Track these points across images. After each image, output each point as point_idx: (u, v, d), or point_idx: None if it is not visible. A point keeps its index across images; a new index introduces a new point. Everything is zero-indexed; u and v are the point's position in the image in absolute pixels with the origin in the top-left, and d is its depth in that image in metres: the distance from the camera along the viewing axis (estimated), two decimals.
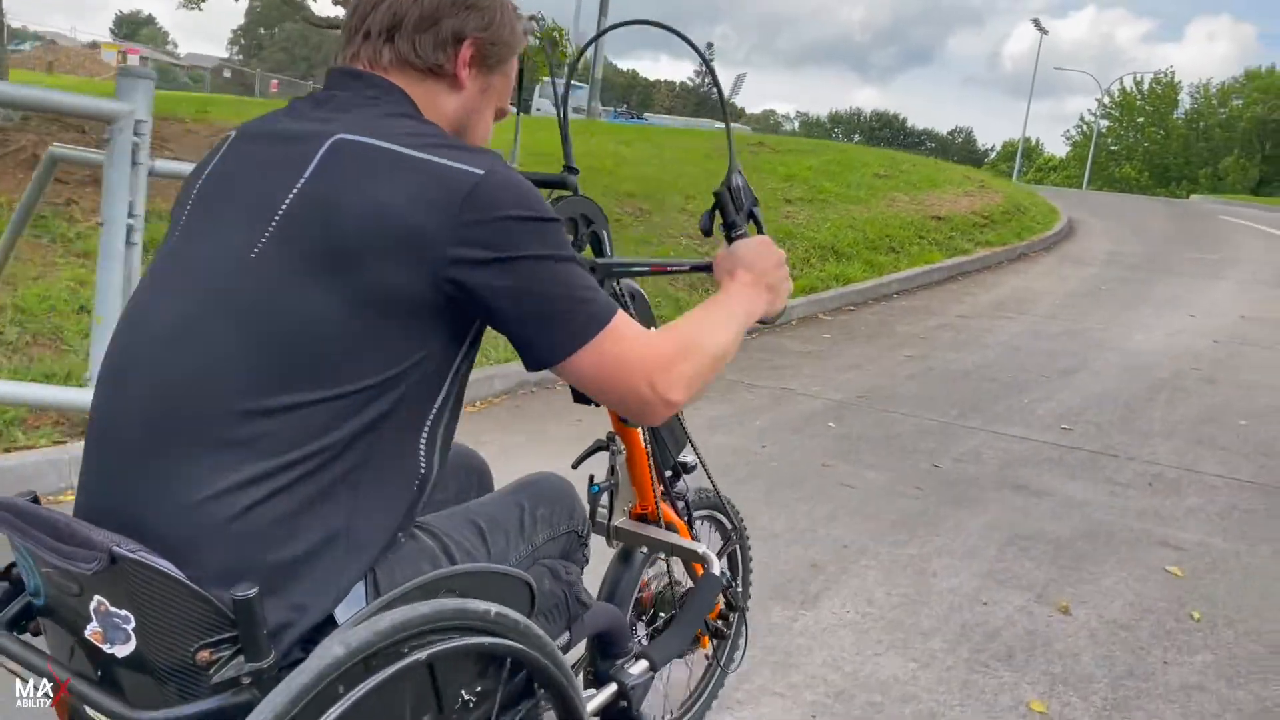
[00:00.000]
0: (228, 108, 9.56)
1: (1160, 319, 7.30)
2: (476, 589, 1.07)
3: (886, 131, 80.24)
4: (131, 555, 0.87)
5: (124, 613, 0.90)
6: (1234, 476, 3.95)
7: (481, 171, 1.00)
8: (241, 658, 0.88)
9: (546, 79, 31.73)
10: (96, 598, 0.91)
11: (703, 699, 2.02)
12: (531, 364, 1.05)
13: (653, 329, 1.24)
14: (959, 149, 79.08)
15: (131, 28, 68.78)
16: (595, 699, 1.40)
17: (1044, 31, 44.88)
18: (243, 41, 69.02)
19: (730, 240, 1.39)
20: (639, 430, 1.61)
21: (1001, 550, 3.12)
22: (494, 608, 1.02)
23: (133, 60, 35.23)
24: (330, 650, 0.87)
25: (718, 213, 1.40)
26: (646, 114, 39.73)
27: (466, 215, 0.97)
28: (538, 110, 27.52)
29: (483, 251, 0.98)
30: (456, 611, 0.98)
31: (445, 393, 1.07)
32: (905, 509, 3.40)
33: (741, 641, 1.95)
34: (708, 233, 1.40)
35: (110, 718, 0.93)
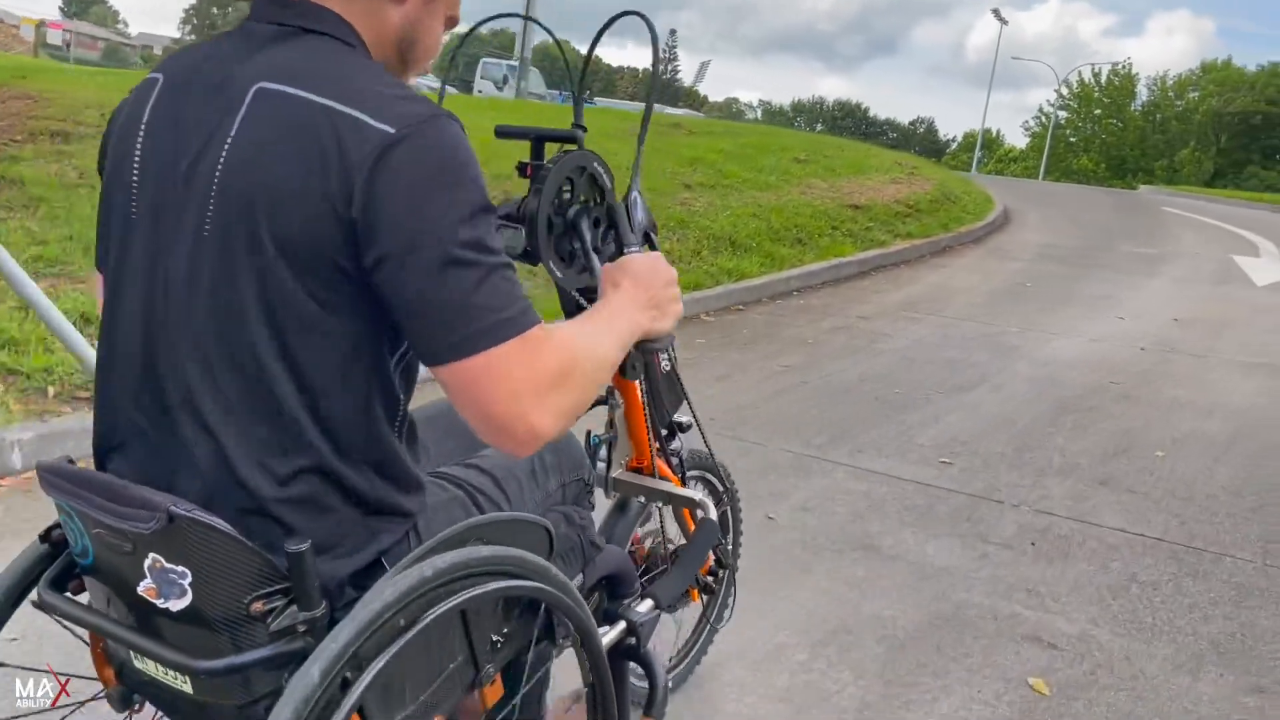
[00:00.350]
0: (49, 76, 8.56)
1: (1085, 321, 6.57)
2: (503, 536, 1.10)
3: (849, 121, 79.80)
4: (189, 514, 0.90)
5: (180, 569, 0.92)
6: (1139, 532, 3.17)
7: (393, 130, 0.92)
8: (295, 608, 0.92)
9: (487, 59, 31.07)
10: (152, 555, 0.93)
11: (693, 653, 2.12)
12: (420, 359, 1.01)
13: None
14: (920, 139, 78.89)
15: (81, 6, 66.64)
16: (605, 636, 1.42)
17: (1004, 22, 44.54)
18: (195, 21, 67.25)
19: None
20: (637, 385, 1.62)
21: (815, 652, 2.30)
22: (531, 555, 1.06)
23: (54, 35, 33.55)
24: (383, 593, 0.92)
25: (612, 232, 1.37)
26: (601, 99, 39.39)
27: (371, 181, 0.91)
28: (479, 91, 26.61)
29: (376, 222, 0.92)
30: (489, 559, 1.01)
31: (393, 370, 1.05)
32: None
33: (730, 599, 2.04)
34: (596, 251, 1.34)
35: (168, 667, 0.97)
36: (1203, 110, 50.91)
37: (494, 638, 1.10)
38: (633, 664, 1.50)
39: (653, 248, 1.41)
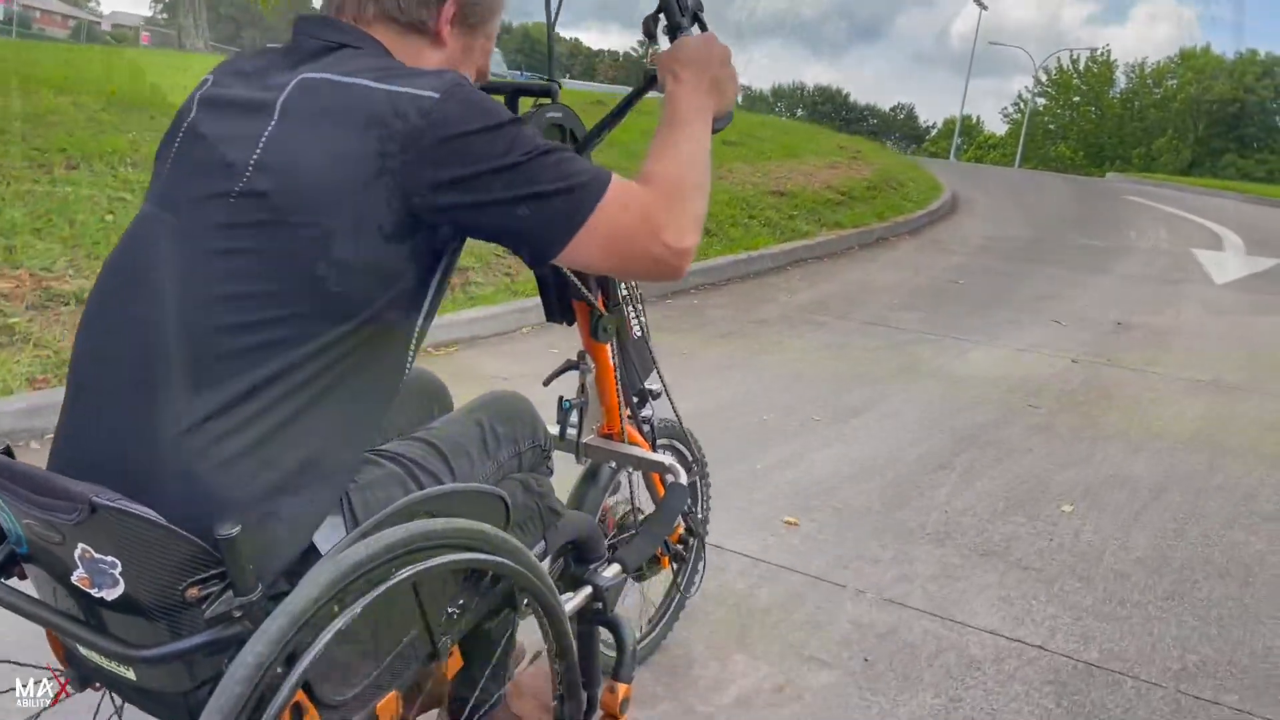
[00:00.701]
0: None
1: (1015, 327, 5.76)
2: (453, 508, 1.09)
3: (829, 107, 78.69)
4: (111, 504, 0.89)
5: (109, 558, 0.91)
6: (1015, 636, 2.36)
7: (437, 95, 1.00)
8: (230, 593, 0.90)
9: None
10: (80, 545, 0.92)
11: (664, 620, 2.13)
12: (533, 261, 1.09)
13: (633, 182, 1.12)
14: (901, 125, 77.90)
15: None
16: (571, 601, 1.42)
17: (984, 7, 43.62)
18: (165, 0, 65.76)
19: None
20: (608, 349, 1.63)
21: None
22: (477, 525, 1.06)
23: None
24: (321, 575, 0.91)
25: (661, 15, 1.36)
26: (581, 81, 38.78)
27: (428, 140, 0.99)
28: None
29: (452, 171, 0.99)
30: (436, 532, 1.01)
31: (425, 309, 1.09)
32: None
33: (701, 566, 2.13)
34: (650, 36, 1.38)
35: (108, 657, 0.97)
36: (1180, 98, 50.32)
37: (449, 610, 1.10)
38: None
39: (702, 27, 1.39)
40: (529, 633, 1.31)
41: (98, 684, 1.12)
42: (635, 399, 1.72)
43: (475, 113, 1.01)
